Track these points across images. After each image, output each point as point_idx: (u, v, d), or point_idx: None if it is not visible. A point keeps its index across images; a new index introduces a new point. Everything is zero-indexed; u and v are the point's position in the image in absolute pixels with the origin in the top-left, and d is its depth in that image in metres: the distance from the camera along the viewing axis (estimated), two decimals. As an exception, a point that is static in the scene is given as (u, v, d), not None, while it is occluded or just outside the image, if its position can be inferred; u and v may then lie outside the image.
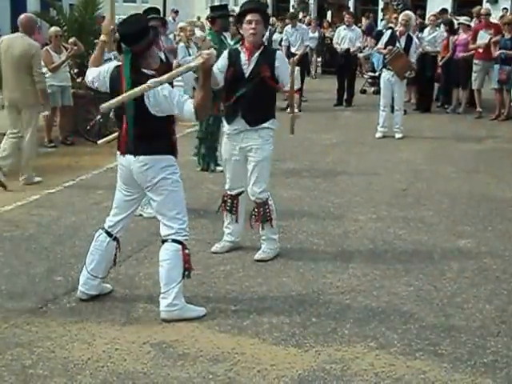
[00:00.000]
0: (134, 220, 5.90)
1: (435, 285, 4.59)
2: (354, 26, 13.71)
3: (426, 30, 12.71)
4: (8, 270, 4.77)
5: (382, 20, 19.55)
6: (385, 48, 10.18)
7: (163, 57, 6.19)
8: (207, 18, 7.91)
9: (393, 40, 10.17)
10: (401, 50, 9.95)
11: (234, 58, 4.86)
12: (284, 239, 5.46)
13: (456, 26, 12.97)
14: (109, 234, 4.26)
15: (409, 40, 10.14)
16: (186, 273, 4.05)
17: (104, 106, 6.09)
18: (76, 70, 10.06)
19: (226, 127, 4.99)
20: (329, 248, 5.30)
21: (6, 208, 6.33)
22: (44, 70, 9.13)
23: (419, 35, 11.97)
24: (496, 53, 11.32)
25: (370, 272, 4.79)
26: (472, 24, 12.79)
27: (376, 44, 14.45)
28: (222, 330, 3.90)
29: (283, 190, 6.99)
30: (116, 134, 6.69)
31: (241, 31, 4.89)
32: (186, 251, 4.08)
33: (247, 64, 4.81)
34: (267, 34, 14.65)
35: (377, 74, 14.96)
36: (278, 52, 4.99)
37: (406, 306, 4.24)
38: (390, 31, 10.74)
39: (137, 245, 5.32)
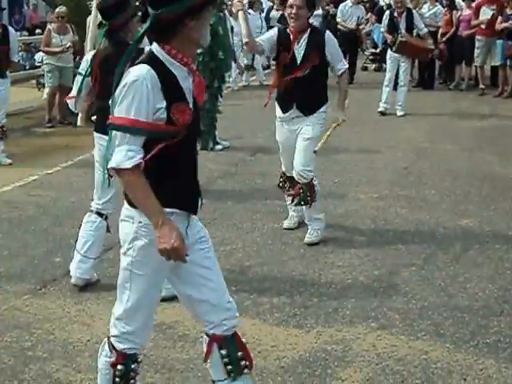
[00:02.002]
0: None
1: (437, 264, 4.55)
2: (359, 4, 13.51)
3: (426, 6, 12.56)
4: (7, 252, 4.74)
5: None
6: (388, 32, 10.08)
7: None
8: None
9: (393, 24, 10.01)
10: (401, 37, 9.76)
11: (283, 39, 4.79)
12: (284, 219, 5.42)
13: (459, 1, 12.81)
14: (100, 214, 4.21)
15: (409, 16, 9.97)
16: None
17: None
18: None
19: (278, 112, 4.94)
20: (330, 227, 5.25)
21: (4, 189, 6.29)
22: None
23: (418, 11, 11.82)
24: (501, 25, 11.16)
25: (371, 251, 4.75)
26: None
27: (377, 20, 14.32)
28: (223, 311, 3.87)
29: (284, 169, 6.93)
30: None
31: (285, 13, 4.89)
32: None
33: (296, 48, 4.73)
34: (265, 11, 14.48)
35: (378, 50, 14.83)
36: (326, 34, 4.80)
37: (407, 285, 4.21)
38: (388, 12, 10.56)
39: (136, 225, 5.27)
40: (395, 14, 10.04)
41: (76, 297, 4.04)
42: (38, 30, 14.69)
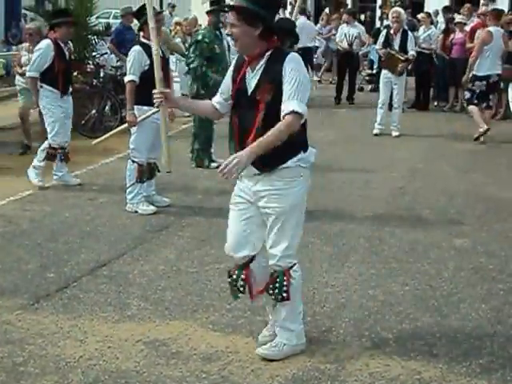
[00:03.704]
0: (128, 217, 5.90)
1: (431, 284, 4.56)
2: (355, 23, 13.61)
3: (421, 28, 12.75)
4: (0, 266, 4.72)
5: (380, 19, 19.50)
6: (381, 49, 10.25)
7: (160, 52, 6.15)
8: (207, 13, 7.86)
9: (387, 40, 10.19)
10: (391, 51, 9.95)
11: (238, 68, 3.46)
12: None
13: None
14: None
15: (404, 36, 10.16)
16: None
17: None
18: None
19: None
20: (324, 246, 5.27)
21: (-1, 203, 6.28)
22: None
23: (414, 34, 11.97)
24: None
25: (365, 271, 4.76)
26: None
27: (374, 42, 14.47)
28: (216, 329, 3.86)
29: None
30: (110, 132, 6.73)
31: None
32: None
33: (249, 78, 3.39)
34: None
35: (374, 71, 14.95)
36: (288, 56, 3.29)
37: (401, 305, 4.21)
38: (385, 30, 10.75)
39: (131, 242, 5.27)
40: (391, 32, 10.23)
41: (69, 312, 4.02)
42: (36, 45, 14.77)
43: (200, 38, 7.50)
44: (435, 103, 13.07)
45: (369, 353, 3.62)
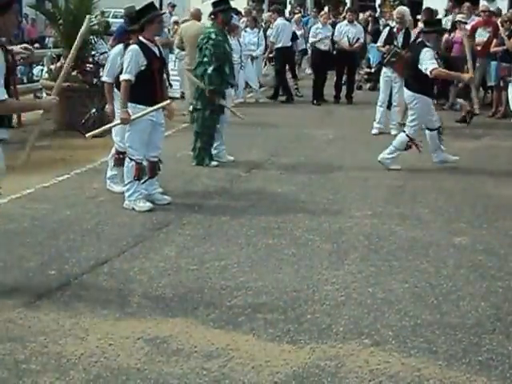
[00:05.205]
0: (129, 215, 5.92)
1: (430, 282, 4.58)
2: (355, 22, 13.63)
3: (419, 28, 12.74)
4: (1, 264, 4.73)
5: (378, 17, 19.46)
6: (384, 46, 10.24)
7: (157, 51, 6.16)
8: (210, 15, 7.84)
9: (391, 38, 10.19)
10: (397, 49, 9.95)
11: None
12: (279, 235, 5.45)
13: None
14: None
15: (407, 35, 10.16)
16: None
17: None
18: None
19: None
20: (324, 244, 5.28)
21: (-1, 201, 6.29)
22: None
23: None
24: (494, 49, 11.33)
25: (365, 268, 4.78)
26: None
27: (372, 40, 14.46)
28: (217, 326, 3.88)
29: (278, 186, 6.97)
30: (104, 127, 6.71)
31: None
32: None
33: None
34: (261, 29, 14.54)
35: (373, 70, 14.95)
36: None
37: (401, 303, 4.23)
38: (387, 28, 10.76)
39: (132, 240, 5.29)
40: (394, 30, 10.25)
41: (70, 310, 4.04)
42: (36, 45, 14.83)
43: (213, 36, 7.44)
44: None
45: (369, 350, 3.64)
